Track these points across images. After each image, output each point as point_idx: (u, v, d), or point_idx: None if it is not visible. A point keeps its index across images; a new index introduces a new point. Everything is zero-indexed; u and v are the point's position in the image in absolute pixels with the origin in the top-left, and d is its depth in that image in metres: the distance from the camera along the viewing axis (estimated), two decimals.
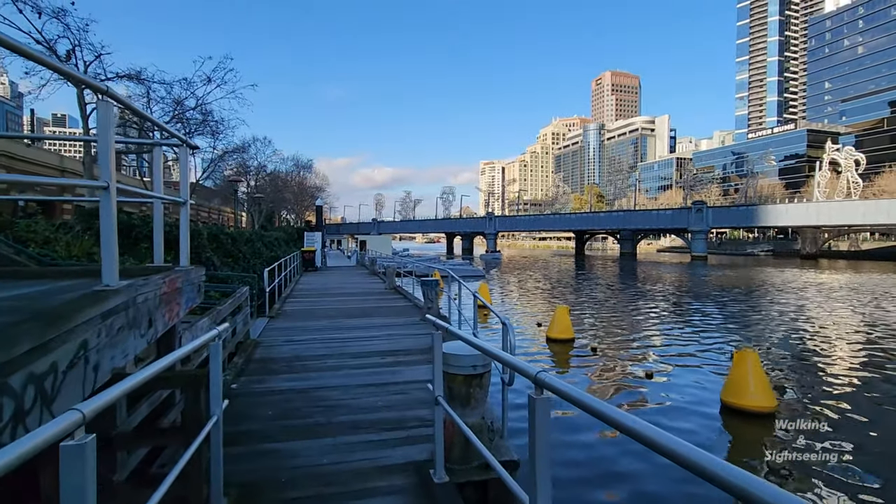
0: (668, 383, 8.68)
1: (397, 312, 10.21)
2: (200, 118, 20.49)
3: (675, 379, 8.96)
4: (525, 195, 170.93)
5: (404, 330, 8.23)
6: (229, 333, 6.31)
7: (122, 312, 2.40)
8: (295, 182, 52.42)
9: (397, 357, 6.38)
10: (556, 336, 11.99)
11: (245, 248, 19.43)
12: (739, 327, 14.56)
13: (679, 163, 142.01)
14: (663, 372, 9.35)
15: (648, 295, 23.06)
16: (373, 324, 8.82)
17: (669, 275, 37.68)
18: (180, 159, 3.69)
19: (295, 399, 4.73)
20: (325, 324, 8.81)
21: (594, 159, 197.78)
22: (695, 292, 24.48)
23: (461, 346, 3.43)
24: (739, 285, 28.22)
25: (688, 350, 11.41)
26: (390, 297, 12.90)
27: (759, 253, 77.58)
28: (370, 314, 9.93)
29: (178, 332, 3.75)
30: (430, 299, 8.99)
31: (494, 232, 77.24)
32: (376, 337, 7.64)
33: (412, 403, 4.63)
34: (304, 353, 6.55)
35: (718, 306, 19.15)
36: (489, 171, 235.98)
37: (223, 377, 5.32)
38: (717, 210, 59.53)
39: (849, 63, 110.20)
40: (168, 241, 11.59)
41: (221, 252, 16.97)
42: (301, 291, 14.34)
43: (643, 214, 66.13)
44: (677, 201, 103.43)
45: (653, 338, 13.09)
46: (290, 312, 10.18)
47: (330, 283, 17.08)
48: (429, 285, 8.99)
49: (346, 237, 72.23)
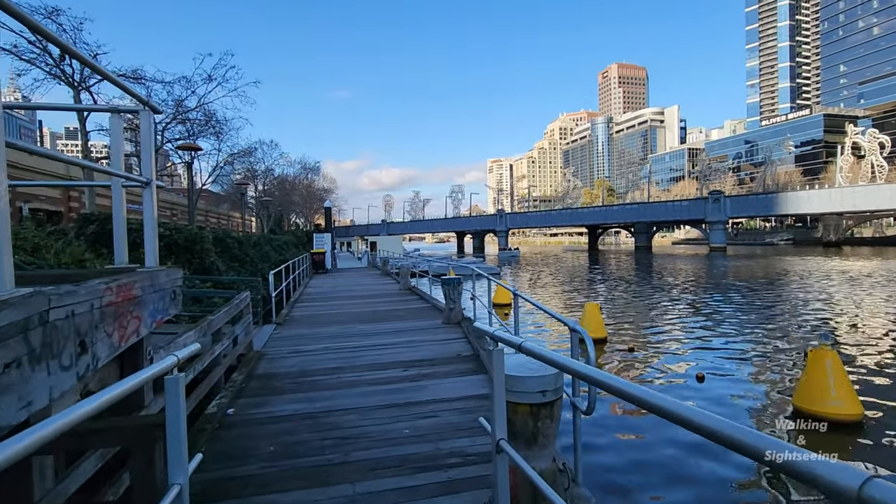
0: (724, 386, 7.68)
1: (415, 315, 9.33)
2: (203, 120, 19.83)
3: (730, 382, 7.96)
4: (534, 191, 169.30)
5: (425, 335, 7.33)
6: (230, 344, 5.48)
7: (16, 337, 1.53)
8: (303, 185, 51.93)
9: (421, 368, 5.49)
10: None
11: (253, 251, 18.72)
12: (786, 322, 13.45)
13: (691, 153, 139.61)
14: (715, 374, 8.35)
15: (674, 288, 21.92)
16: (389, 329, 7.94)
17: (690, 267, 36.37)
18: (141, 126, 2.82)
19: (302, 428, 3.85)
20: (337, 330, 7.94)
21: (603, 153, 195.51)
22: (723, 284, 23.25)
23: (523, 364, 2.52)
24: (769, 276, 26.90)
25: (736, 348, 10.37)
26: (406, 298, 12.03)
27: (778, 242, 75.59)
28: (385, 318, 9.06)
29: (148, 353, 2.89)
30: (453, 300, 8.08)
31: (506, 229, 76.15)
32: (394, 344, 6.75)
33: (446, 430, 3.73)
34: (313, 367, 5.68)
35: (754, 299, 17.98)
36: (497, 168, 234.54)
37: (217, 401, 4.47)
38: (736, 199, 57.80)
39: (864, 45, 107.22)
40: (169, 246, 10.67)
41: (228, 256, 16.26)
42: (310, 295, 13.53)
43: (658, 206, 64.56)
44: (690, 192, 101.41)
45: (691, 335, 12.05)
46: (299, 318, 9.34)
47: (341, 286, 16.26)
48: (450, 284, 8.08)
49: (356, 239, 71.64)
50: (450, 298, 8.14)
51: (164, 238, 11.24)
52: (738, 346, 10.56)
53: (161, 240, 11.31)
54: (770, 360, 9.18)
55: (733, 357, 9.58)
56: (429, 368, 5.48)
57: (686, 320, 13.90)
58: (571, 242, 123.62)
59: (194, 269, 12.04)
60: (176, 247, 11.54)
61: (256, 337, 7.33)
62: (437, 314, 9.30)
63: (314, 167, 52.26)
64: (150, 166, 2.80)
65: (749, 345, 10.64)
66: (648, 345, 10.97)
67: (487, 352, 5.82)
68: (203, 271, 12.23)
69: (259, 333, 7.61)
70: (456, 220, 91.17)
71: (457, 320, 8.09)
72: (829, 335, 11.44)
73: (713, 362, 9.12)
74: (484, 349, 6.01)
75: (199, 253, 12.31)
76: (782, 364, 8.71)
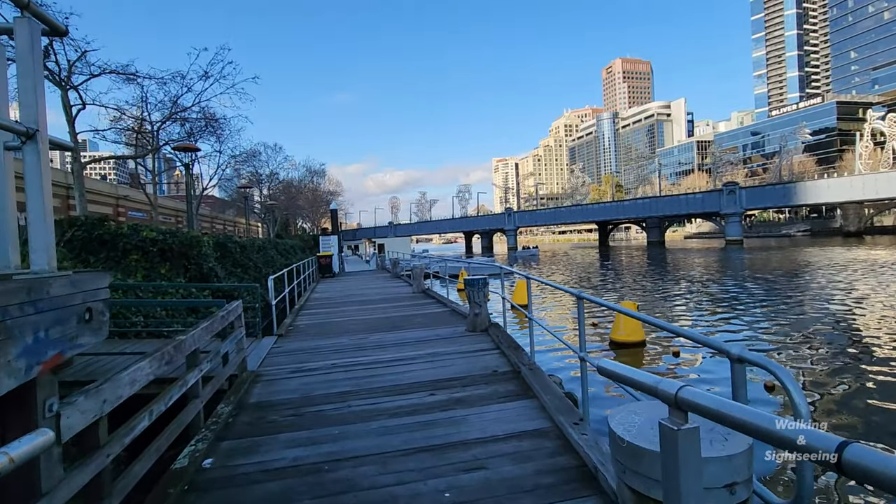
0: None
1: (434, 322, 8.26)
2: (203, 122, 18.92)
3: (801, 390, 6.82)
4: (541, 189, 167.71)
5: (449, 346, 6.26)
6: (217, 365, 4.45)
7: None
8: (308, 189, 51.16)
9: (451, 391, 4.41)
10: (623, 339, 9.91)
11: (256, 256, 17.78)
12: (840, 319, 12.22)
13: (700, 146, 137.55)
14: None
15: (699, 284, 20.67)
16: (406, 339, 6.88)
17: (709, 261, 35.00)
18: (18, 42, 1.76)
19: (301, 490, 2.78)
20: (346, 342, 6.89)
21: (610, 149, 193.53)
22: (749, 278, 21.93)
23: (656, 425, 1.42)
24: (795, 268, 25.50)
25: (792, 350, 9.20)
26: (421, 302, 10.96)
27: (795, 233, 73.72)
28: (401, 325, 8.00)
29: (47, 406, 1.83)
30: (478, 303, 6.99)
31: (514, 228, 75.00)
32: (415, 359, 5.69)
33: (503, 493, 2.64)
34: (318, 391, 4.63)
35: (790, 294, 16.71)
36: (502, 168, 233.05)
37: (192, 446, 3.36)
38: (752, 190, 56.15)
39: (875, 30, 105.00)
40: (163, 251, 9.71)
41: (230, 262, 15.34)
42: (317, 301, 12.51)
43: (671, 200, 63.02)
44: (701, 185, 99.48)
45: (735, 335, 10.87)
46: (304, 328, 8.31)
47: (350, 290, 15.24)
48: (474, 286, 6.99)
49: (363, 242, 70.83)
50: (474, 302, 7.06)
51: (157, 243, 10.30)
52: (789, 347, 9.38)
53: (154, 245, 10.38)
54: (836, 365, 8.00)
55: (790, 358, 8.41)
56: (461, 391, 4.41)
57: (722, 319, 12.69)
58: (580, 240, 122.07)
59: (192, 277, 11.09)
60: (171, 252, 10.59)
61: (252, 353, 6.30)
62: (458, 320, 8.23)
63: (319, 170, 51.45)
64: (35, 109, 1.74)
65: (801, 346, 9.45)
66: (693, 347, 9.81)
67: (531, 369, 4.75)
68: (201, 278, 11.28)
69: (256, 348, 6.58)
70: (464, 220, 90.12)
71: (483, 327, 7.02)
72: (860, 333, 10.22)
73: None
74: (523, 363, 4.94)
75: (197, 258, 11.36)
76: (863, 369, 7.54)
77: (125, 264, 9.97)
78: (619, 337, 9.99)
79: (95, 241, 10.04)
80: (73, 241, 9.99)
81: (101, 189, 29.36)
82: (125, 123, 16.92)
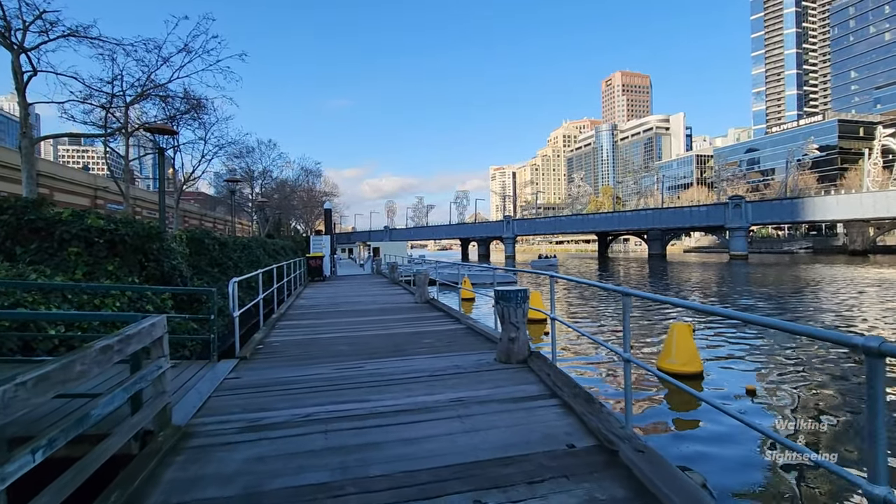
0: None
1: (448, 343, 6.31)
2: (184, 103, 16.95)
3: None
4: (539, 199, 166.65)
5: (479, 386, 4.32)
6: (124, 409, 2.52)
7: None
8: (303, 189, 49.21)
9: (506, 490, 2.48)
10: (675, 368, 8.00)
11: (238, 255, 15.77)
12: None
13: (699, 160, 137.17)
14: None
15: (725, 301, 18.87)
16: (416, 370, 4.93)
17: (718, 276, 33.31)
18: None
19: None
20: (330, 374, 4.93)
21: (608, 160, 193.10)
22: (776, 294, 20.17)
23: None
24: (812, 284, 23.77)
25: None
26: (428, 315, 9.00)
27: (797, 250, 72.56)
28: (406, 348, 6.05)
29: None
30: (515, 324, 5.06)
31: (513, 236, 73.29)
32: (433, 409, 3.74)
33: None
34: (276, 480, 2.67)
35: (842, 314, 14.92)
36: (500, 176, 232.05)
37: None
38: (758, 205, 54.79)
39: (876, 50, 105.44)
40: (112, 244, 7.81)
41: (205, 260, 13.33)
42: (301, 309, 10.52)
43: (675, 212, 61.56)
44: (700, 198, 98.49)
45: (801, 367, 9.00)
46: (277, 348, 6.32)
47: (341, 296, 13.25)
48: (511, 301, 5.05)
49: (358, 245, 68.74)
50: (510, 323, 5.12)
51: (105, 234, 8.28)
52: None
53: (101, 236, 8.30)
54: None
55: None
56: (524, 490, 2.48)
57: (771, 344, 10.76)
58: (578, 250, 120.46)
59: (149, 276, 9.10)
60: (122, 246, 8.57)
61: (192, 389, 4.33)
62: (480, 342, 6.30)
63: (315, 170, 49.49)
64: None
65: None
66: (767, 383, 7.91)
67: (638, 449, 2.82)
68: (161, 278, 9.29)
69: (201, 380, 4.60)
70: (461, 227, 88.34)
71: (521, 357, 5.09)
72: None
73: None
74: (611, 430, 3.04)
75: (156, 254, 9.35)
76: None
77: (61, 258, 7.97)
78: (668, 366, 8.08)
79: (26, 227, 8.05)
80: None
81: (77, 178, 27.22)
82: (95, 99, 14.87)
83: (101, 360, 2.45)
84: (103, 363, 2.49)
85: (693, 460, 4.79)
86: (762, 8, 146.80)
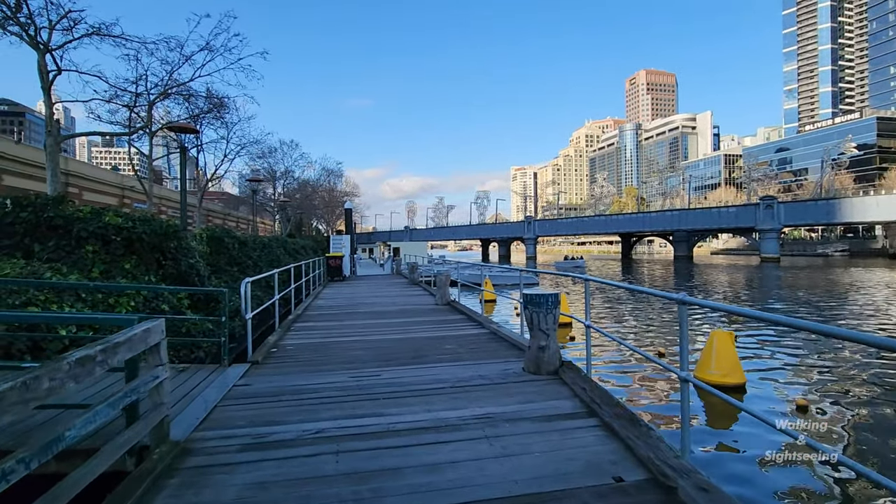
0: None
1: (472, 349, 5.91)
2: (206, 102, 16.97)
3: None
4: (560, 199, 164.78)
5: (508, 401, 3.91)
6: (118, 420, 2.21)
7: None
8: (324, 189, 49.52)
9: None
10: (715, 379, 7.42)
11: (258, 254, 15.69)
12: None
13: (727, 160, 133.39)
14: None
15: (765, 305, 17.95)
16: (437, 380, 4.54)
17: (749, 279, 32.01)
18: None
19: None
20: (346, 382, 4.59)
21: (631, 160, 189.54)
22: (818, 300, 19.10)
23: None
24: (868, 288, 22.47)
25: None
26: (449, 318, 8.62)
27: (832, 253, 69.63)
28: (426, 354, 5.67)
29: None
30: (545, 331, 4.64)
31: (534, 236, 72.36)
32: (458, 428, 3.34)
33: None
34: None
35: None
36: (521, 176, 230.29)
37: None
38: (791, 206, 52.67)
39: None
40: (130, 242, 7.69)
41: (224, 259, 13.26)
42: (319, 309, 10.26)
43: (702, 213, 59.73)
44: (728, 199, 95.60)
45: (852, 375, 8.29)
46: (291, 352, 6.03)
47: (360, 297, 12.98)
48: (540, 306, 4.62)
49: (378, 245, 68.90)
50: (539, 330, 4.69)
51: (122, 231, 8.14)
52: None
53: (118, 234, 8.20)
54: None
55: None
56: None
57: (820, 353, 9.99)
58: (600, 251, 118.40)
59: (166, 275, 8.96)
60: (140, 244, 8.43)
61: (199, 397, 4.04)
62: (505, 348, 5.89)
63: (336, 171, 49.74)
64: None
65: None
66: (816, 395, 7.27)
67: (700, 487, 2.38)
68: (178, 277, 9.15)
69: (208, 387, 4.32)
70: (482, 227, 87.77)
71: (552, 368, 4.66)
72: None
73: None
74: (666, 462, 2.59)
75: (173, 253, 9.21)
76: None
77: (79, 256, 7.86)
78: (709, 376, 7.50)
79: (44, 225, 7.97)
80: (14, 224, 7.95)
81: (105, 178, 27.82)
82: (120, 98, 14.97)
83: (79, 374, 2.13)
84: (82, 376, 2.17)
85: (752, 491, 4.28)
86: (795, 3, 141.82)
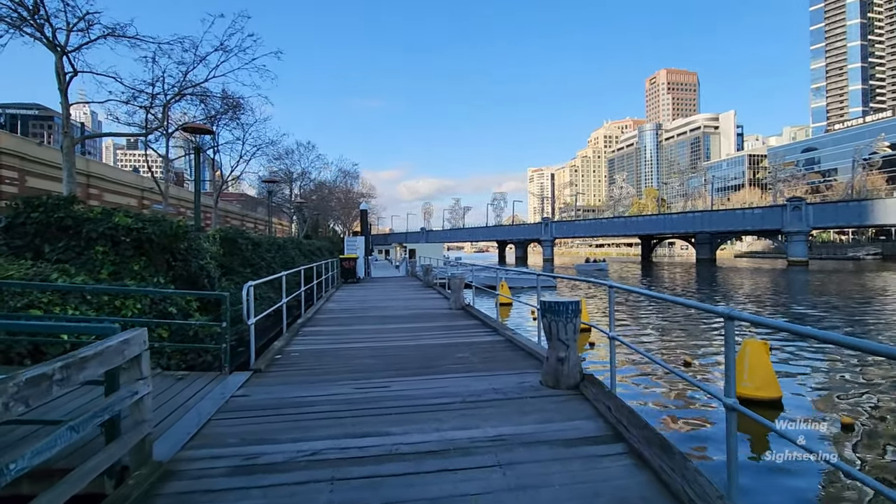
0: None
1: (486, 358, 5.56)
2: (222, 102, 16.97)
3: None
4: (578, 201, 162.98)
5: (525, 421, 3.55)
6: (95, 438, 1.94)
7: None
8: (341, 190, 49.71)
9: None
10: (748, 393, 6.92)
11: (271, 255, 15.56)
12: None
13: (751, 160, 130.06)
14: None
15: (803, 312, 17.13)
16: (449, 394, 4.20)
17: (776, 282, 30.87)
18: None
19: None
20: (351, 394, 4.28)
21: (651, 161, 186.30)
22: (864, 307, 18.17)
23: None
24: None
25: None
26: (463, 323, 8.27)
27: (863, 257, 67.16)
28: (438, 364, 5.34)
29: None
30: (564, 342, 4.27)
31: (551, 238, 71.48)
32: (469, 452, 3.00)
33: None
34: None
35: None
36: (538, 178, 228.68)
37: None
38: (820, 207, 50.87)
39: None
40: (139, 243, 7.56)
41: (237, 260, 13.14)
42: (329, 313, 10.02)
43: (726, 215, 58.15)
44: (753, 200, 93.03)
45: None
46: (296, 359, 5.76)
47: (373, 299, 12.73)
48: (560, 315, 4.25)
49: (394, 246, 68.91)
50: (559, 340, 4.31)
51: (132, 232, 8.01)
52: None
53: (128, 234, 8.08)
54: None
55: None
56: None
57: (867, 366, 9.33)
58: (619, 254, 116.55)
59: (176, 277, 8.82)
60: (149, 245, 8.29)
61: (193, 408, 3.78)
62: (521, 358, 5.52)
63: (352, 172, 49.90)
64: None
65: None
66: (864, 414, 6.71)
67: None
68: (188, 279, 9.01)
69: (203, 398, 4.06)
70: (498, 229, 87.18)
71: (573, 382, 4.27)
72: None
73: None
74: (705, 499, 2.21)
75: (183, 254, 9.07)
76: None
77: (88, 257, 7.74)
78: (741, 389, 6.99)
79: (55, 225, 7.88)
80: (25, 225, 7.88)
81: (125, 179, 28.26)
82: (137, 99, 15.04)
83: (30, 395, 1.85)
84: (35, 398, 1.89)
85: None
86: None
